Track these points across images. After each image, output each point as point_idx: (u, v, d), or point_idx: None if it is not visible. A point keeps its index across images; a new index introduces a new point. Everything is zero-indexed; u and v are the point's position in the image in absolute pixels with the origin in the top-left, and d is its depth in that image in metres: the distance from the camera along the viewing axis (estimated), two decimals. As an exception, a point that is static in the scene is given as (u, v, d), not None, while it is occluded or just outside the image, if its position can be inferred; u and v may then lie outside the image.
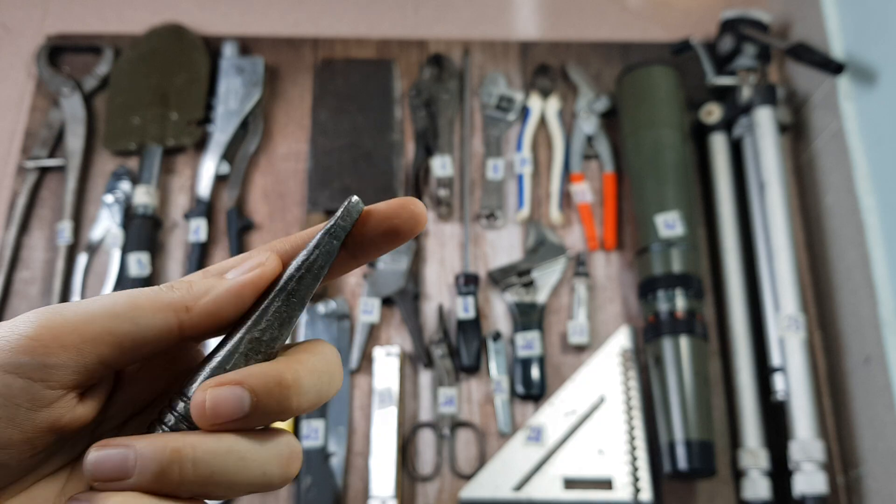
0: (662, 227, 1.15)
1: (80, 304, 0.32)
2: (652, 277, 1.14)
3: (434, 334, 1.18)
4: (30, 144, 1.31)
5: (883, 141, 1.11)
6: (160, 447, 0.30)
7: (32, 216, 1.27)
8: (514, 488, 1.08)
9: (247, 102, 1.31)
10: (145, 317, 0.32)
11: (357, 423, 1.14)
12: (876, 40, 1.15)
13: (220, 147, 1.28)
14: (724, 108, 1.27)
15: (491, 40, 1.40)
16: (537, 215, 1.26)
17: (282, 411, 0.32)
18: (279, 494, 1.11)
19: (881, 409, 1.04)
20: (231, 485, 0.31)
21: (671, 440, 1.06)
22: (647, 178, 1.20)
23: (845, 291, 1.15)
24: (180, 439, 0.31)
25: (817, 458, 1.04)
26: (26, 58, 1.39)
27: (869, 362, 1.08)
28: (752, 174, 1.23)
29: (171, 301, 0.32)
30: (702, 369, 1.09)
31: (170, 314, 0.32)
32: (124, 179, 1.27)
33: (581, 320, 1.18)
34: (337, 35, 1.41)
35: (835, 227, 1.19)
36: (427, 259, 1.24)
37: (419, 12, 1.45)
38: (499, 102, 1.33)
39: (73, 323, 0.31)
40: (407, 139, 1.32)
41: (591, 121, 1.31)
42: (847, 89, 1.19)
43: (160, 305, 0.32)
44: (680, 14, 1.45)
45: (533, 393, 1.14)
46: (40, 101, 1.34)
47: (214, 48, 1.37)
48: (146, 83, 1.33)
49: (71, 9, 1.45)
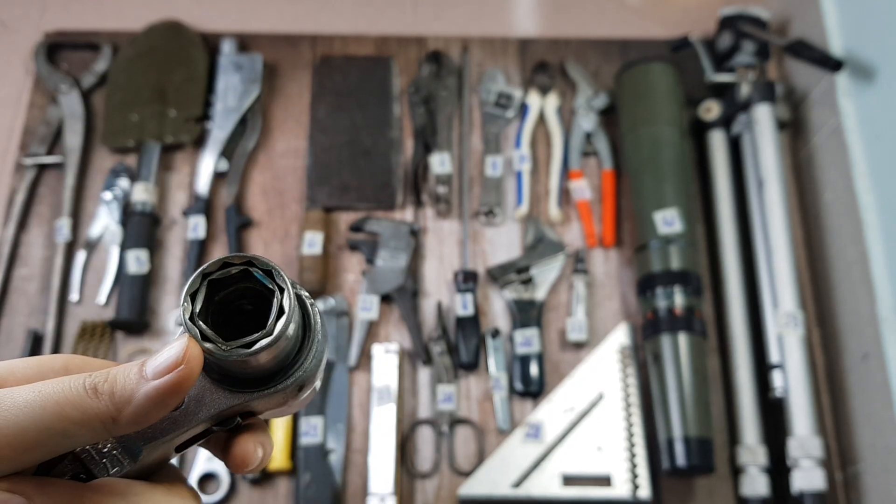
0: (661, 224, 1.15)
1: (8, 408, 0.32)
2: (651, 274, 1.14)
3: (433, 331, 1.18)
4: (28, 141, 1.30)
5: (881, 137, 1.11)
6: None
7: (31, 213, 1.27)
8: (513, 485, 1.08)
9: (245, 99, 1.31)
10: (74, 430, 0.32)
11: (356, 420, 1.14)
12: (874, 37, 1.15)
13: (218, 144, 1.28)
14: (723, 104, 1.27)
15: (490, 37, 1.40)
16: (536, 212, 1.26)
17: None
18: (278, 491, 1.11)
19: (879, 405, 1.05)
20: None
21: (670, 437, 1.06)
22: (645, 175, 1.20)
23: (844, 288, 1.15)
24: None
25: (816, 454, 1.05)
26: (24, 55, 1.39)
27: (867, 359, 1.08)
28: (751, 171, 1.23)
29: (98, 413, 0.32)
30: (700, 366, 1.09)
31: (97, 425, 0.32)
32: (123, 176, 1.27)
33: (580, 317, 1.18)
34: (336, 32, 1.41)
35: (833, 224, 1.19)
36: (426, 256, 1.24)
37: (418, 9, 1.45)
38: (498, 99, 1.33)
39: (4, 436, 0.31)
40: (406, 136, 1.32)
41: (590, 118, 1.31)
42: (846, 86, 1.19)
43: (88, 417, 0.32)
44: (679, 11, 1.45)
45: (532, 390, 1.14)
46: (38, 98, 1.34)
47: (213, 45, 1.36)
48: (144, 80, 1.32)
49: (69, 6, 1.45)
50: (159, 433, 0.34)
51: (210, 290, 0.33)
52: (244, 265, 0.33)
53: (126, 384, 0.33)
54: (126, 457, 0.34)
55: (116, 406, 0.32)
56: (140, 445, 0.34)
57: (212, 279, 0.33)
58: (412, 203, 1.27)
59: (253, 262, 0.33)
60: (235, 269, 0.33)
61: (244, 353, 0.32)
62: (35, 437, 0.31)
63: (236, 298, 0.35)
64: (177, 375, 0.32)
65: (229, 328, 0.33)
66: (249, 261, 0.33)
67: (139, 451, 0.34)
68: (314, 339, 0.36)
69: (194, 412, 0.35)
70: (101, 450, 0.34)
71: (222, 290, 0.34)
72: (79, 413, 0.32)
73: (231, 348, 0.32)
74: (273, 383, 0.35)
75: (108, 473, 0.34)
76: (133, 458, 0.34)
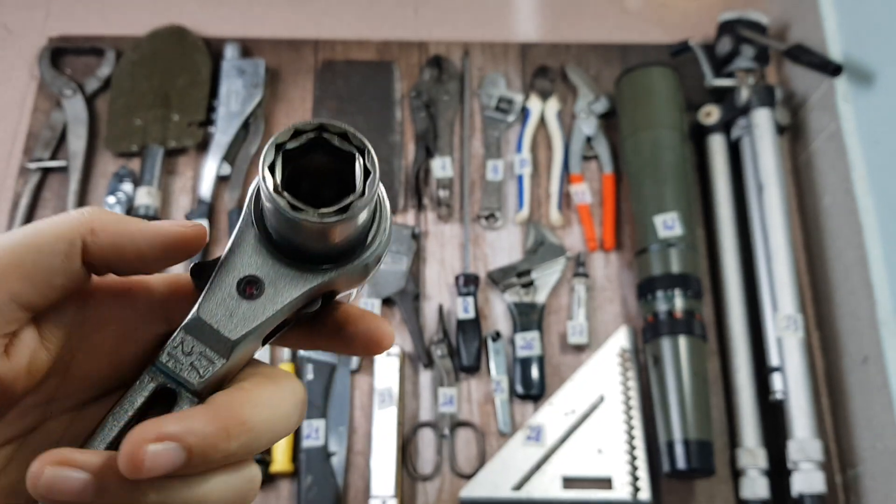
0: (661, 228, 1.15)
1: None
2: (651, 278, 1.14)
3: (434, 334, 1.19)
4: (32, 146, 1.31)
5: (880, 142, 1.12)
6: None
7: (35, 217, 1.28)
8: (514, 487, 1.08)
9: (248, 104, 1.31)
10: (48, 242, 0.30)
11: (358, 422, 1.15)
12: (873, 42, 1.15)
13: (221, 148, 1.29)
14: (723, 109, 1.27)
15: (491, 42, 1.41)
16: (537, 216, 1.27)
17: (227, 463, 0.29)
18: (280, 494, 1.12)
19: (879, 408, 1.05)
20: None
21: (670, 440, 1.07)
22: (646, 179, 1.20)
23: (843, 291, 1.15)
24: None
25: (815, 457, 1.05)
26: (29, 59, 1.40)
27: (867, 362, 1.08)
28: (751, 175, 1.23)
29: (74, 222, 0.30)
30: (700, 369, 1.10)
31: (75, 236, 0.30)
32: (126, 180, 1.28)
33: (580, 320, 1.18)
34: (337, 37, 1.41)
35: (833, 228, 1.19)
36: (427, 259, 1.25)
37: (419, 14, 1.46)
38: (498, 104, 1.34)
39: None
40: (407, 140, 1.33)
41: (591, 122, 1.32)
42: (845, 91, 1.19)
43: (63, 229, 0.30)
44: (678, 16, 1.45)
45: (532, 393, 1.15)
46: (42, 103, 1.35)
47: (216, 50, 1.37)
48: (148, 85, 1.33)
49: (73, 11, 1.46)
50: (245, 322, 0.32)
51: (284, 162, 0.31)
52: (316, 130, 0.31)
53: (119, 214, 0.32)
54: (215, 354, 0.32)
55: (102, 221, 0.31)
56: (227, 339, 0.32)
57: (286, 150, 0.31)
58: (413, 207, 1.28)
59: (325, 127, 0.31)
60: (308, 137, 0.31)
61: (339, 217, 0.30)
62: (8, 258, 0.29)
63: (308, 174, 0.32)
64: (179, 230, 0.31)
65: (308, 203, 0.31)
66: (321, 125, 0.31)
67: (229, 345, 0.32)
68: (382, 209, 0.34)
69: (276, 296, 0.32)
70: (184, 350, 0.31)
71: (295, 161, 0.32)
72: (51, 225, 0.30)
73: (326, 213, 0.30)
74: (354, 256, 0.33)
75: (199, 376, 0.31)
76: (223, 355, 0.32)
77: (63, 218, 0.30)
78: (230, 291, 0.32)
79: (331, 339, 0.35)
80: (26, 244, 0.29)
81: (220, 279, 0.32)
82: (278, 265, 0.33)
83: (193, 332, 0.32)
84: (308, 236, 0.31)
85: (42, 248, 0.29)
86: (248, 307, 0.32)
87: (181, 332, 0.32)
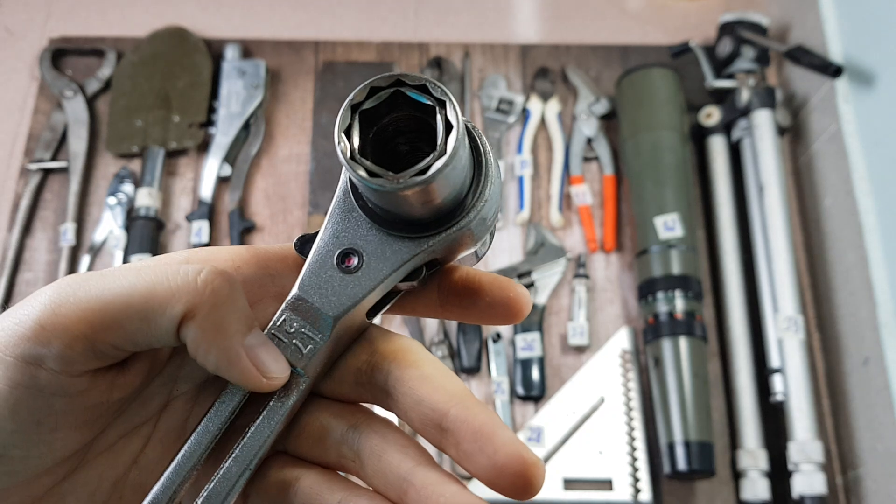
0: (662, 229, 1.16)
1: (98, 281, 0.29)
2: (651, 279, 1.14)
3: (435, 335, 1.19)
4: (33, 147, 1.31)
5: (881, 143, 1.12)
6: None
7: (35, 218, 1.28)
8: (515, 489, 1.08)
9: (249, 105, 1.31)
10: (157, 314, 0.29)
11: (358, 423, 1.15)
12: (874, 43, 1.15)
13: (222, 149, 1.29)
14: (723, 110, 1.27)
15: (491, 43, 1.41)
16: (537, 217, 1.27)
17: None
18: (280, 495, 1.11)
19: (880, 410, 1.05)
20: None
21: (671, 441, 1.07)
22: (646, 181, 1.21)
23: (844, 293, 1.15)
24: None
25: (816, 458, 1.05)
26: (29, 60, 1.40)
27: (867, 363, 1.08)
28: (751, 176, 1.23)
29: (184, 284, 0.30)
30: (701, 370, 1.10)
31: (176, 312, 0.29)
32: (127, 181, 1.28)
33: (581, 321, 1.18)
34: (338, 38, 1.42)
35: (833, 229, 1.19)
36: (428, 261, 1.25)
37: (420, 15, 1.46)
38: (499, 105, 1.34)
39: (82, 310, 0.28)
40: (408, 141, 1.33)
41: (591, 123, 1.32)
42: (845, 92, 1.19)
43: (173, 292, 0.30)
44: (679, 17, 1.45)
45: (533, 394, 1.15)
46: (43, 104, 1.35)
47: (216, 51, 1.37)
48: (148, 86, 1.33)
49: (74, 12, 1.46)
50: (344, 297, 0.30)
51: (363, 124, 0.29)
52: (393, 86, 0.29)
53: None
54: (316, 332, 0.31)
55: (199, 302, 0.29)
56: (328, 315, 0.31)
57: (363, 110, 0.29)
58: (414, 208, 1.28)
59: (403, 80, 0.29)
60: (385, 94, 0.29)
61: (419, 180, 0.27)
62: (114, 315, 0.28)
63: (391, 137, 0.30)
64: (264, 381, 0.30)
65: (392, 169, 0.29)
66: (398, 79, 0.29)
67: (329, 321, 0.30)
68: (487, 164, 0.31)
69: (374, 269, 0.31)
70: (286, 330, 0.31)
71: (375, 123, 0.30)
72: (166, 291, 0.29)
73: (405, 178, 0.27)
74: (455, 220, 0.30)
75: (302, 354, 0.31)
76: (324, 332, 0.31)
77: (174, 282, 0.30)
78: (329, 265, 0.31)
79: (464, 309, 0.33)
80: (137, 307, 0.29)
81: (318, 253, 0.31)
82: (375, 235, 0.31)
83: (295, 310, 0.31)
84: (394, 203, 0.29)
85: (150, 318, 0.30)
86: (347, 281, 0.31)
87: (284, 310, 0.31)
